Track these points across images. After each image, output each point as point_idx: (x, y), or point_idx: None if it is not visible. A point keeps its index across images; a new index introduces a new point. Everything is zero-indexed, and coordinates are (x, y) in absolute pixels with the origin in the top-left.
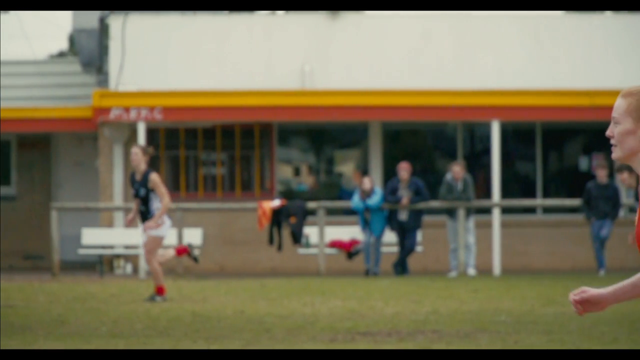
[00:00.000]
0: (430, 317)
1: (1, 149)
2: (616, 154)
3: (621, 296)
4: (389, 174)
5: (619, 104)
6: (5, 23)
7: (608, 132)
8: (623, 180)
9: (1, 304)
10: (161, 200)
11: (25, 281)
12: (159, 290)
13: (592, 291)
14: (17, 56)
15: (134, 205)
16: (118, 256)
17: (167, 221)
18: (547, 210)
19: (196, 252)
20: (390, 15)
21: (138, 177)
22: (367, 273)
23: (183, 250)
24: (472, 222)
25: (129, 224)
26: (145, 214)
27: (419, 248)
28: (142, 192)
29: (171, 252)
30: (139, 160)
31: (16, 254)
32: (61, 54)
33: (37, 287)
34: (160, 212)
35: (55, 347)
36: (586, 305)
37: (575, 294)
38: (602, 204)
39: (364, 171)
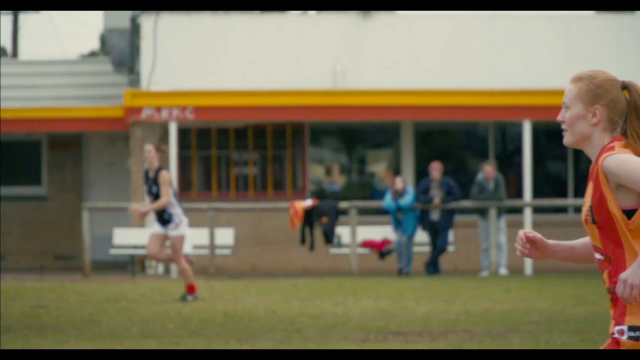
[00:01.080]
0: (461, 317)
1: (32, 149)
2: (567, 139)
3: (558, 253)
4: (421, 173)
5: (570, 88)
6: (37, 23)
7: (559, 117)
8: None
9: (33, 304)
10: (160, 197)
11: (57, 281)
12: (190, 289)
13: (541, 236)
14: (48, 56)
15: (148, 201)
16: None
17: (184, 219)
18: (579, 209)
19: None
20: (421, 15)
21: (151, 174)
22: (400, 273)
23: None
24: (503, 221)
25: (140, 217)
26: (160, 212)
27: (450, 248)
28: (155, 189)
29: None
30: (152, 157)
31: (47, 254)
32: (92, 54)
33: (68, 287)
34: (152, 206)
35: (87, 347)
36: (532, 247)
37: (527, 232)
38: None
39: (396, 171)
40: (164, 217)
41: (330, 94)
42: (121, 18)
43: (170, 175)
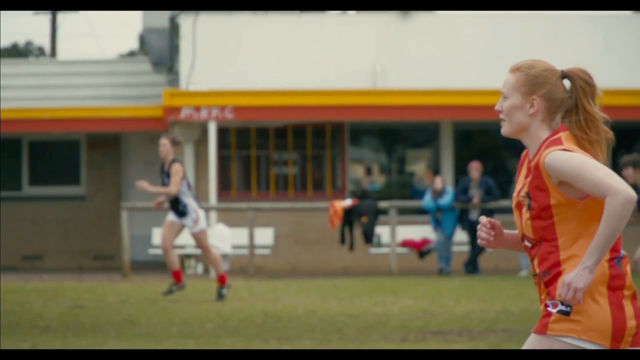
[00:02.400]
0: (501, 316)
1: (71, 149)
2: (505, 129)
3: (509, 241)
4: (460, 173)
5: (508, 79)
6: (75, 23)
7: (497, 107)
8: (628, 175)
9: (71, 305)
10: (168, 186)
11: (95, 281)
12: (222, 280)
13: (499, 223)
14: (87, 56)
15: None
16: (189, 256)
17: (201, 213)
18: None
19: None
20: (461, 15)
21: (166, 167)
22: (440, 272)
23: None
24: None
25: (155, 207)
26: (175, 204)
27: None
28: (167, 181)
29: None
30: (168, 151)
31: (86, 254)
32: (131, 54)
33: (107, 287)
34: (158, 189)
35: (125, 347)
36: (494, 233)
37: (490, 219)
38: None
39: (436, 170)
40: (178, 208)
41: (369, 94)
42: (160, 18)
43: (184, 168)
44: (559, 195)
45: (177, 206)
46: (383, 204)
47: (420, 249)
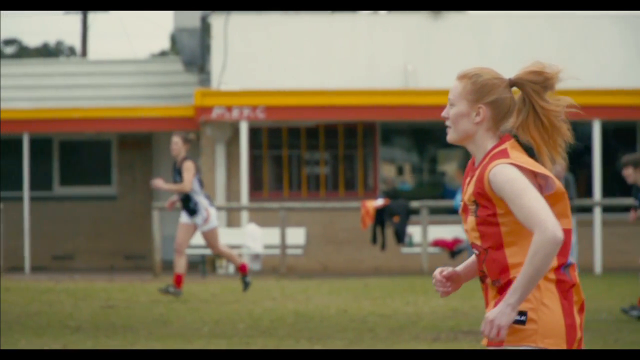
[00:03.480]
0: None
1: (102, 149)
2: (450, 136)
3: (469, 274)
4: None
5: (455, 86)
6: (106, 23)
7: (443, 114)
8: (628, 175)
9: (102, 304)
10: (180, 184)
11: (127, 281)
12: (243, 269)
13: (451, 269)
14: (118, 55)
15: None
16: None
17: (212, 211)
18: None
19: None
20: (491, 15)
21: (178, 165)
22: None
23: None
24: (573, 221)
25: (169, 207)
26: (186, 202)
27: None
28: (178, 179)
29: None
30: (179, 149)
31: (117, 254)
32: (163, 53)
33: (138, 287)
34: (171, 186)
35: (157, 347)
36: (450, 283)
37: (441, 272)
38: None
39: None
40: (189, 206)
41: (401, 94)
42: (191, 17)
43: (196, 166)
44: (504, 204)
45: (188, 204)
46: (414, 204)
47: (452, 248)
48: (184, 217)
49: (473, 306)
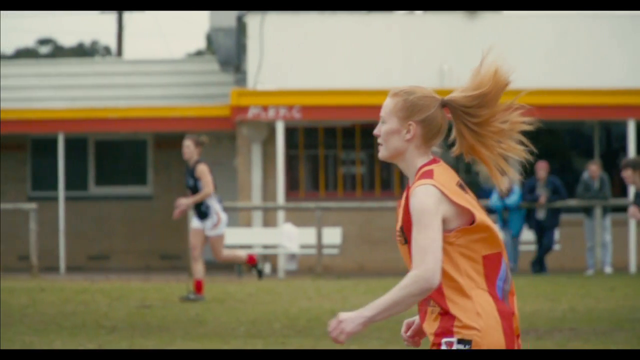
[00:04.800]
0: (567, 315)
1: (138, 149)
2: (382, 153)
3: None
4: (527, 173)
5: (387, 103)
6: (141, 23)
7: (375, 131)
8: (627, 177)
9: (138, 304)
10: (202, 188)
11: (162, 281)
12: (251, 260)
13: (413, 324)
14: (154, 55)
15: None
16: None
17: (223, 218)
18: None
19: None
20: (526, 15)
21: (190, 168)
22: (511, 271)
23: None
24: (608, 220)
25: (178, 215)
26: (198, 205)
27: (556, 246)
28: (191, 182)
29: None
30: (192, 152)
31: (153, 254)
32: (198, 53)
33: (174, 287)
34: (197, 197)
35: (193, 347)
36: (418, 336)
37: (405, 332)
38: None
39: (502, 170)
40: (201, 210)
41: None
42: (227, 17)
43: (209, 169)
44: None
45: (200, 207)
46: None
47: None
48: (195, 222)
49: None
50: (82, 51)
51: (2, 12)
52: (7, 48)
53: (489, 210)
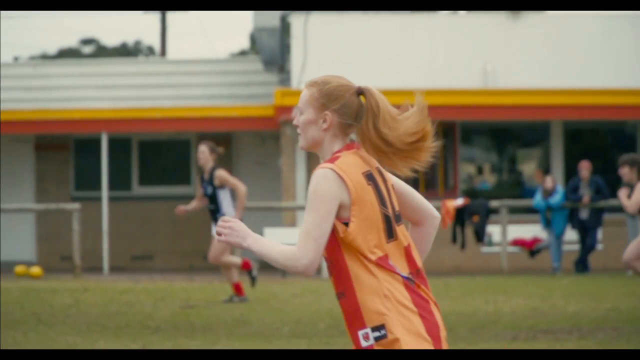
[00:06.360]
0: (610, 315)
1: (181, 149)
2: (301, 143)
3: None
4: (570, 172)
5: (304, 94)
6: (186, 23)
7: (294, 122)
8: (624, 174)
9: (182, 305)
10: (236, 191)
11: (206, 281)
12: (246, 266)
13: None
14: (197, 55)
15: (198, 199)
16: None
17: None
18: None
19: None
20: (569, 15)
21: (206, 175)
22: (554, 271)
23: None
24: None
25: (181, 212)
26: (215, 213)
27: (599, 246)
28: (209, 190)
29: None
30: (207, 158)
31: (196, 254)
32: (242, 53)
33: (218, 287)
34: (239, 206)
35: (237, 347)
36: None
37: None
38: None
39: (546, 170)
40: (216, 217)
41: (480, 93)
42: (271, 17)
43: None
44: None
45: (216, 215)
46: (494, 203)
47: (531, 247)
48: (213, 230)
49: (552, 305)
50: (125, 51)
51: (45, 12)
52: (50, 47)
53: (533, 210)
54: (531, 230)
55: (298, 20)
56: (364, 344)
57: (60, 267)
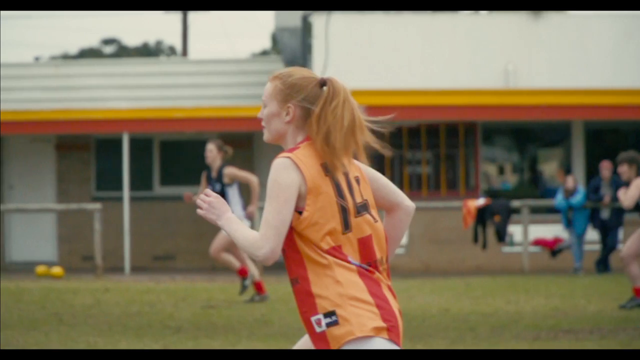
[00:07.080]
0: (631, 315)
1: (203, 149)
2: (265, 136)
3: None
4: (591, 172)
5: (267, 87)
6: (207, 23)
7: (259, 114)
8: (622, 172)
9: (203, 305)
10: (250, 184)
11: (228, 281)
12: (242, 272)
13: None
14: (219, 55)
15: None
16: None
17: (246, 223)
18: None
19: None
20: (592, 15)
21: (214, 174)
22: (576, 271)
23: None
24: None
25: (188, 199)
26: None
27: (620, 246)
28: (217, 187)
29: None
30: (214, 157)
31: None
32: (264, 53)
33: (239, 287)
34: (253, 198)
35: (258, 347)
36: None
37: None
38: None
39: (567, 170)
40: None
41: (502, 93)
42: (293, 17)
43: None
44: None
45: None
46: (515, 203)
47: (552, 247)
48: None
49: (573, 305)
50: (147, 51)
51: (66, 11)
52: (71, 48)
53: (554, 210)
54: (552, 230)
55: (320, 20)
56: (317, 329)
57: (82, 267)
